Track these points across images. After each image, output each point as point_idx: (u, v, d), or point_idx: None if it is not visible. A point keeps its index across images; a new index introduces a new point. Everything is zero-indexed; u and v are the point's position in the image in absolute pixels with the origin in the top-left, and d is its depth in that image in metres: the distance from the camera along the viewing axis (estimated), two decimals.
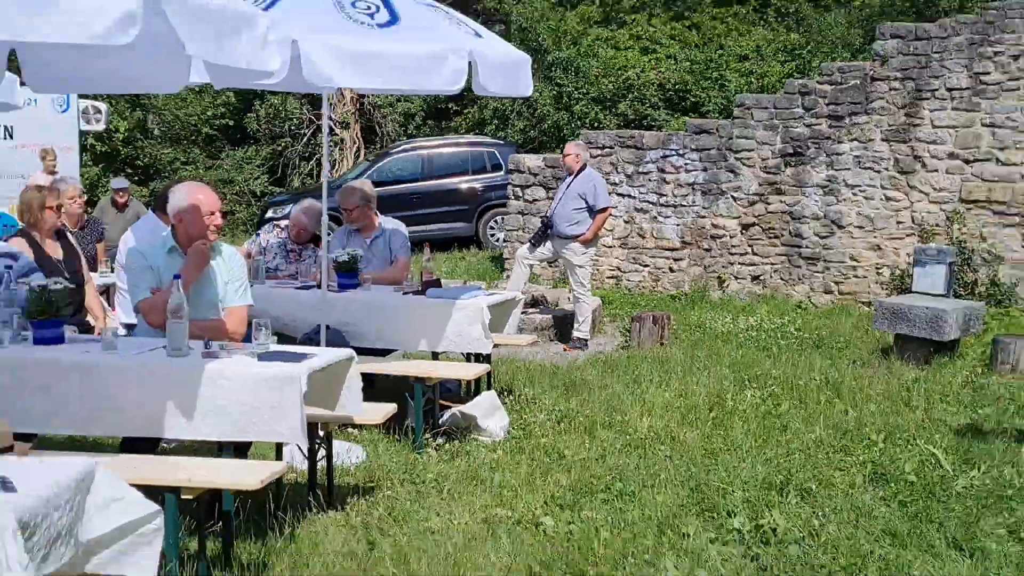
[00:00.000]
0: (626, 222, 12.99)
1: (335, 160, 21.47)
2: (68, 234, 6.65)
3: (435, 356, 6.72)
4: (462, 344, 6.37)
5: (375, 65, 4.93)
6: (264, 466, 4.22)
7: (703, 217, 12.55)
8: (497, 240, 15.78)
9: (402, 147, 17.81)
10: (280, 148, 21.36)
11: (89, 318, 6.34)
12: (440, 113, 22.71)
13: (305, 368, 4.25)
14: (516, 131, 19.85)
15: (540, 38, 19.97)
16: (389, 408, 5.28)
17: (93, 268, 7.50)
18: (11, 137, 15.06)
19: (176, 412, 4.19)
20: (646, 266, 12.94)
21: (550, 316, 10.40)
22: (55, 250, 6.21)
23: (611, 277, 13.13)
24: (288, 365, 4.27)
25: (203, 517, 4.20)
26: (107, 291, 7.29)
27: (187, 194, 4.84)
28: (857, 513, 4.87)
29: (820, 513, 4.88)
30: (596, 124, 17.78)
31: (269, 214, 15.76)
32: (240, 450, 4.66)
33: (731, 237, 12.44)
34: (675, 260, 12.79)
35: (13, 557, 2.24)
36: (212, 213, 4.81)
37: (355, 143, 21.93)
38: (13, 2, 2.95)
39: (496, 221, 15.95)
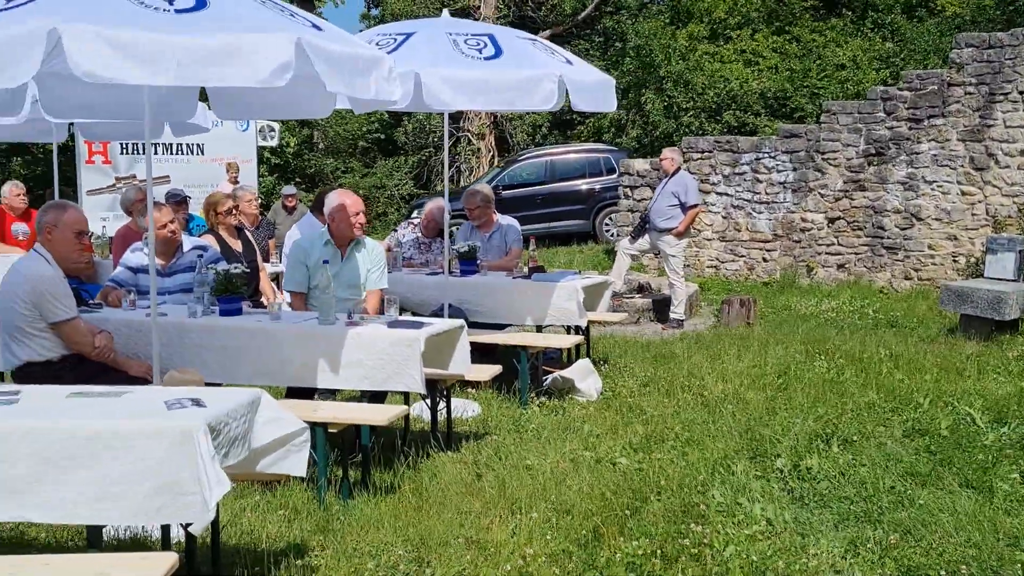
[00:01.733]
0: (723, 217, 13.28)
1: (472, 167, 22.30)
2: (246, 231, 7.50)
3: (539, 329, 7.28)
4: (561, 319, 6.93)
5: (481, 89, 5.54)
6: (390, 408, 4.88)
7: (793, 212, 12.73)
8: (611, 235, 16.22)
9: (528, 154, 18.44)
10: (424, 157, 22.31)
11: (263, 299, 7.16)
12: (564, 123, 23.24)
13: (423, 333, 4.89)
14: (631, 139, 20.21)
15: (653, 54, 20.26)
16: (494, 369, 5.89)
17: (266, 259, 8.35)
18: (203, 153, 16.36)
19: (325, 367, 4.89)
20: (741, 256, 13.20)
21: (650, 300, 10.82)
22: (236, 244, 7.06)
23: (710, 267, 13.44)
24: (410, 330, 4.92)
25: (346, 450, 4.88)
26: (277, 277, 8.12)
27: (337, 199, 5.58)
28: (887, 459, 5.19)
29: (855, 459, 5.22)
30: (702, 131, 18.00)
31: (414, 215, 16.63)
32: (376, 402, 5.35)
33: (818, 229, 12.58)
34: (768, 251, 13.00)
35: (205, 449, 2.94)
36: (357, 214, 5.53)
37: (489, 151, 22.71)
38: (200, 56, 3.65)
39: (610, 218, 16.38)
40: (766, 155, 12.89)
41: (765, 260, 13.02)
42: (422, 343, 4.81)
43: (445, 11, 6.53)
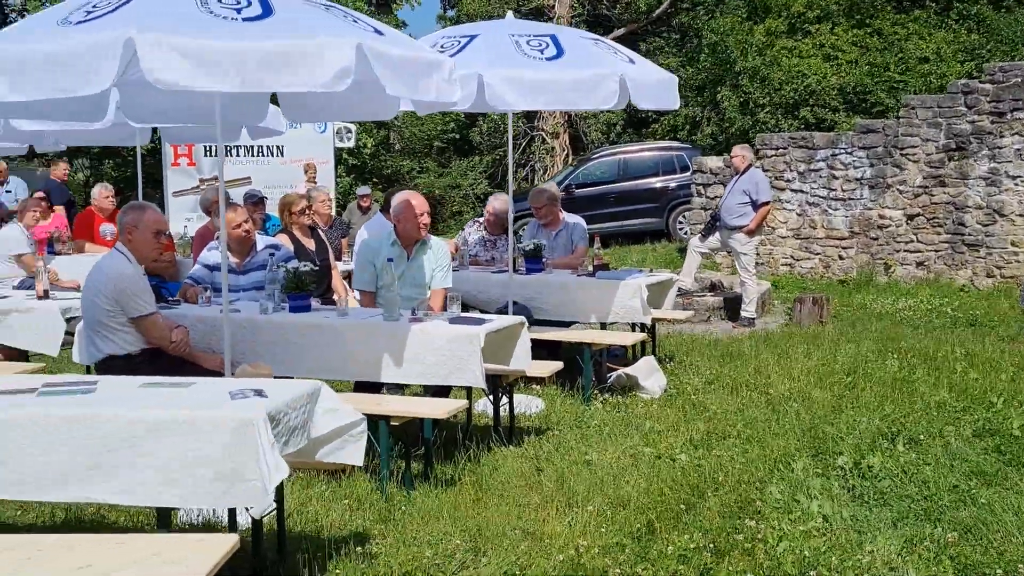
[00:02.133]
0: (798, 215, 13.10)
1: (545, 165, 22.38)
2: (319, 231, 7.73)
3: (604, 326, 7.32)
4: (624, 316, 6.97)
5: (543, 89, 5.63)
6: (450, 402, 5.01)
7: (870, 209, 12.50)
8: (684, 233, 16.13)
9: (600, 153, 18.45)
10: (499, 157, 22.47)
11: (334, 296, 7.37)
12: (638, 121, 23.15)
13: (484, 329, 4.99)
14: (705, 136, 20.04)
15: (728, 50, 20.05)
16: (555, 365, 5.97)
17: (338, 258, 8.57)
18: (282, 154, 16.83)
19: (388, 362, 5.03)
20: (817, 254, 13.00)
21: (721, 298, 10.76)
22: (309, 243, 7.28)
23: (785, 264, 13.27)
24: (471, 327, 5.03)
25: (409, 442, 5.01)
26: (349, 275, 8.33)
27: (403, 199, 5.74)
28: (952, 458, 5.11)
29: (920, 458, 5.15)
30: (778, 128, 17.76)
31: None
32: (440, 397, 5.48)
33: (896, 226, 12.32)
34: (844, 248, 12.78)
35: (265, 437, 3.09)
36: (421, 214, 5.68)
37: (563, 150, 22.77)
38: (265, 63, 3.81)
39: (683, 216, 16.29)
40: (842, 151, 12.68)
41: (841, 258, 12.80)
42: (482, 339, 4.92)
43: (509, 13, 6.64)
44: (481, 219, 8.28)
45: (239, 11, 3.99)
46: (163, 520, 3.31)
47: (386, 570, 3.83)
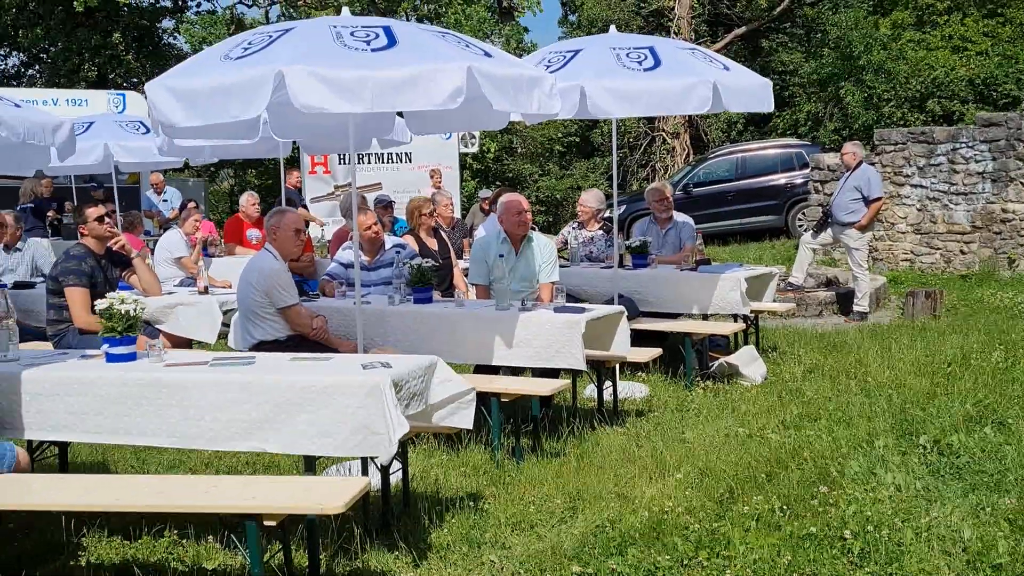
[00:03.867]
0: (918, 210, 13.12)
1: (666, 165, 22.73)
2: (442, 232, 8.46)
3: (705, 317, 7.78)
4: (725, 308, 7.42)
5: (640, 97, 6.18)
6: (553, 382, 5.60)
7: (992, 203, 12.43)
8: (803, 230, 16.25)
9: (719, 152, 18.70)
10: (620, 158, 22.95)
11: (455, 291, 8.08)
12: (760, 119, 23.22)
13: (585, 316, 5.58)
14: (828, 132, 20.01)
15: (853, 45, 19.96)
16: (654, 351, 6.50)
17: (459, 256, 9.29)
18: (410, 161, 17.80)
19: (500, 345, 5.67)
20: (937, 249, 13.00)
21: (833, 293, 10.98)
22: (432, 243, 8.01)
23: (904, 260, 13.31)
24: (573, 315, 5.62)
25: (519, 419, 5.64)
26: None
27: (504, 200, 6.39)
28: None
29: (1005, 440, 5.42)
30: (904, 122, 17.63)
31: (607, 214, 17.33)
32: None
33: (1021, 220, 12.23)
34: (965, 243, 12.75)
35: (390, 399, 3.77)
36: (520, 213, 6.31)
37: (684, 150, 23.06)
38: (390, 87, 4.50)
39: (803, 213, 16.40)
40: (963, 145, 12.65)
41: (963, 252, 12.77)
42: (583, 325, 5.50)
43: (612, 27, 7.19)
44: (576, 221, 8.82)
45: (368, 43, 4.71)
46: (309, 467, 4.04)
47: (494, 522, 4.45)
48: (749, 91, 6.58)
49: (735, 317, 7.84)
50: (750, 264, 10.02)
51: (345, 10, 5.46)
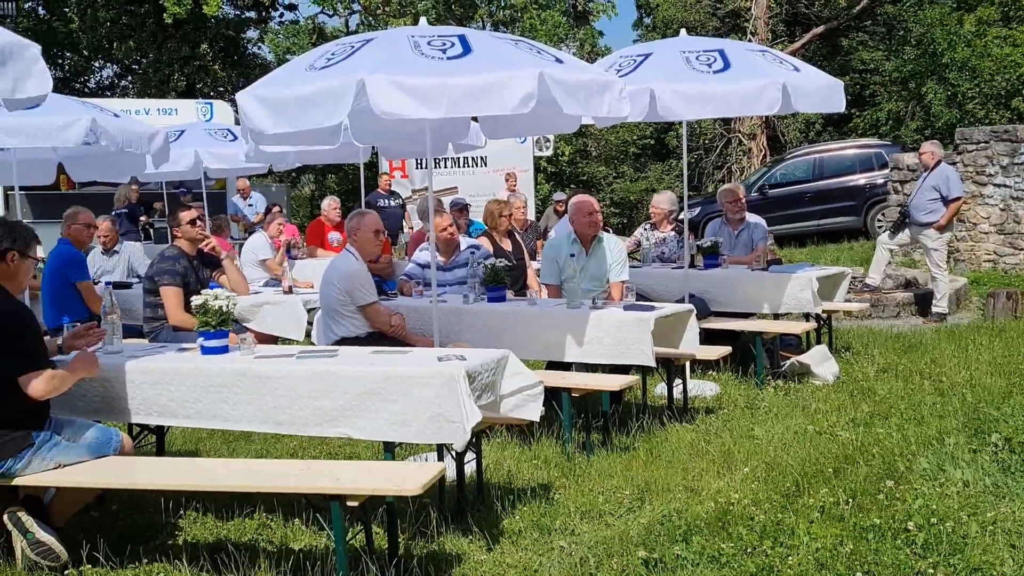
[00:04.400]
0: (1001, 210, 12.86)
1: (743, 167, 22.60)
2: (516, 233, 8.68)
3: (776, 317, 7.83)
4: (795, 307, 7.48)
5: (709, 100, 6.30)
6: (621, 378, 5.76)
7: None
8: (882, 231, 16.05)
9: (796, 152, 18.56)
10: (695, 160, 22.90)
11: (529, 291, 8.27)
12: (839, 119, 22.92)
13: (653, 314, 5.72)
14: (909, 131, 19.68)
15: (936, 42, 19.60)
16: (724, 350, 6.60)
17: (533, 257, 9.50)
18: (486, 164, 18.10)
19: (571, 343, 5.85)
20: (1021, 250, 12.72)
21: (912, 294, 10.88)
22: (506, 244, 8.23)
23: (988, 261, 13.05)
24: (642, 312, 5.77)
25: (589, 414, 5.80)
26: None
27: (575, 202, 6.57)
28: None
29: None
30: (988, 120, 17.26)
31: (681, 216, 17.35)
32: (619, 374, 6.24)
33: None
34: None
35: (464, 389, 3.98)
36: (590, 214, 6.49)
37: (761, 151, 22.90)
38: (465, 93, 4.72)
39: (882, 214, 16.19)
40: None
41: None
42: (652, 323, 5.64)
43: (683, 31, 7.31)
44: (651, 222, 8.93)
45: (444, 51, 4.94)
46: (388, 450, 4.29)
47: (564, 510, 4.63)
48: (819, 92, 6.64)
49: (807, 317, 7.88)
50: (822, 265, 10.01)
51: (422, 20, 5.72)
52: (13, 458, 3.98)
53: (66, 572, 4.00)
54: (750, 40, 22.45)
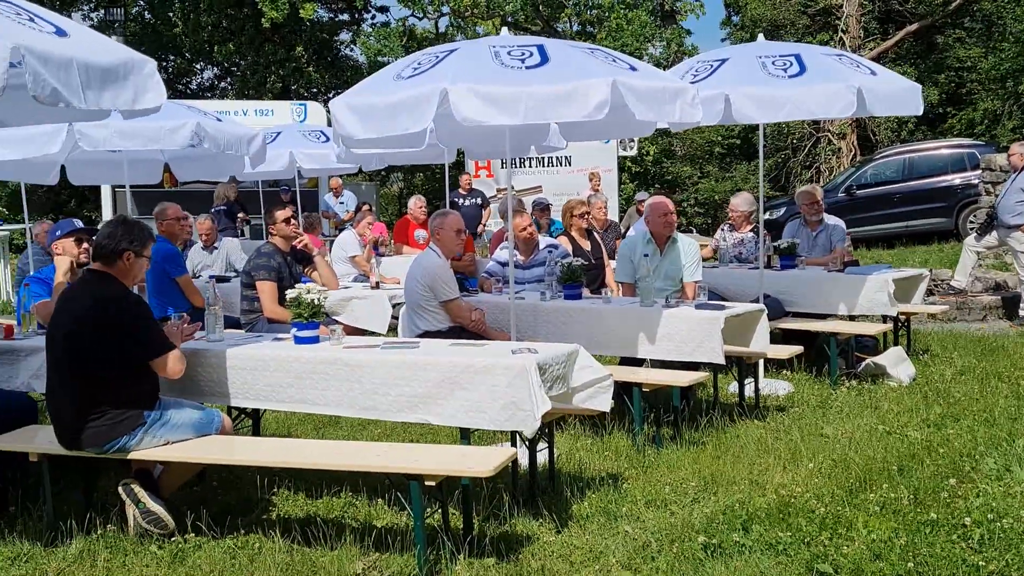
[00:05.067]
0: None
1: (831, 167, 22.33)
2: (595, 233, 8.91)
3: (852, 318, 7.89)
4: (871, 308, 7.53)
5: (783, 104, 6.44)
6: (691, 374, 5.94)
7: None
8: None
9: (885, 153, 18.30)
10: (781, 160, 22.72)
11: (607, 291, 8.50)
12: (934, 118, 22.45)
13: (724, 313, 5.90)
14: (1006, 130, 19.20)
15: None
16: (795, 349, 6.74)
17: (611, 257, 9.70)
18: (570, 164, 18.35)
19: (643, 340, 6.07)
20: None
21: (999, 297, 10.73)
22: (585, 244, 8.47)
23: None
24: (712, 312, 5.95)
25: (660, 409, 6.01)
26: None
27: (651, 202, 6.78)
28: None
29: None
30: None
31: (766, 216, 17.28)
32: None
33: None
34: None
35: (535, 380, 4.26)
36: (665, 214, 6.69)
37: (851, 151, 22.58)
38: (542, 101, 4.99)
39: (973, 216, 15.90)
40: None
41: None
42: (722, 322, 5.83)
43: (760, 35, 7.45)
44: (727, 223, 9.05)
45: (523, 61, 5.22)
46: (465, 439, 4.59)
47: (631, 498, 4.87)
48: (895, 95, 6.71)
49: (884, 318, 7.92)
50: (909, 267, 9.97)
51: (504, 30, 6.01)
52: (128, 435, 4.41)
53: (172, 539, 4.40)
54: (841, 38, 22.19)
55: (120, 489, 4.50)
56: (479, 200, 14.95)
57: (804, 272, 7.97)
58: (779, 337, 7.88)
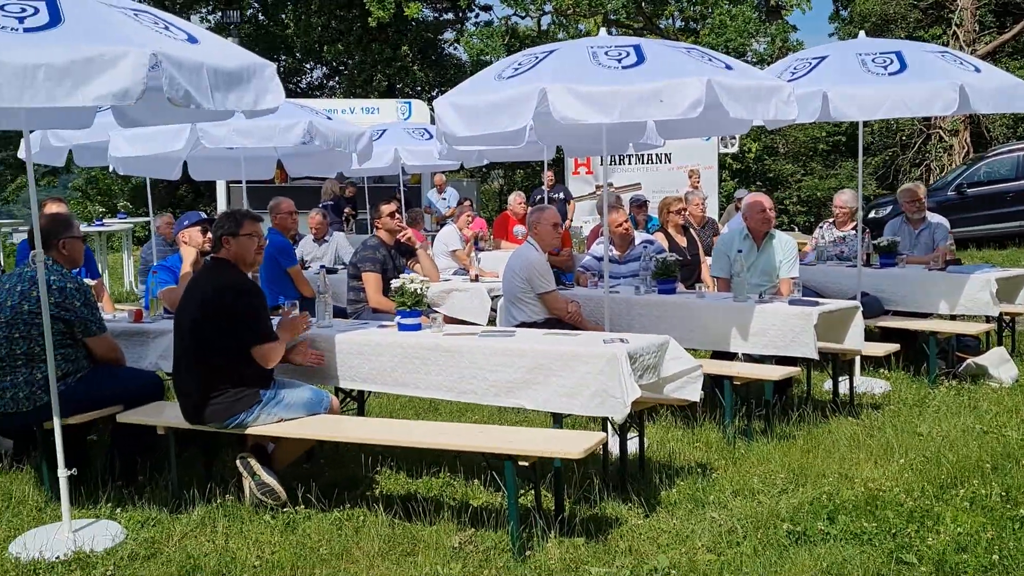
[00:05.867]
0: None
1: (942, 164, 21.71)
2: (691, 230, 9.00)
3: (953, 318, 7.79)
4: (973, 308, 7.43)
5: (881, 101, 6.43)
6: (783, 368, 6.01)
7: None
8: None
9: (998, 150, 17.74)
10: (889, 157, 22.20)
11: (702, 287, 8.58)
12: None
13: (817, 309, 5.95)
14: None
15: None
16: (891, 347, 6.72)
17: (708, 254, 9.76)
18: (670, 161, 18.37)
19: (736, 334, 6.17)
20: None
21: None
22: (681, 240, 8.58)
23: None
24: (805, 307, 6.01)
25: (751, 402, 6.10)
26: None
27: (750, 199, 6.87)
28: None
29: None
30: None
31: (871, 215, 16.96)
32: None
33: None
34: None
35: (625, 368, 4.44)
36: (763, 211, 6.75)
37: (964, 148, 21.92)
38: (637, 99, 5.15)
39: None
40: None
41: None
42: (815, 317, 5.88)
43: (862, 33, 7.43)
44: (830, 220, 9.00)
45: (620, 61, 5.39)
46: (557, 421, 4.81)
47: (719, 487, 5.00)
48: (1000, 92, 6.62)
49: (987, 318, 7.80)
50: (991, 264, 9.74)
51: (603, 31, 6.19)
52: (246, 412, 4.76)
53: (284, 509, 4.74)
54: (954, 32, 21.56)
55: (237, 462, 4.85)
56: (563, 195, 15.12)
57: (904, 270, 7.91)
58: (878, 336, 7.85)
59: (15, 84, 3.61)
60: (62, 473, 4.43)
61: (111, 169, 8.44)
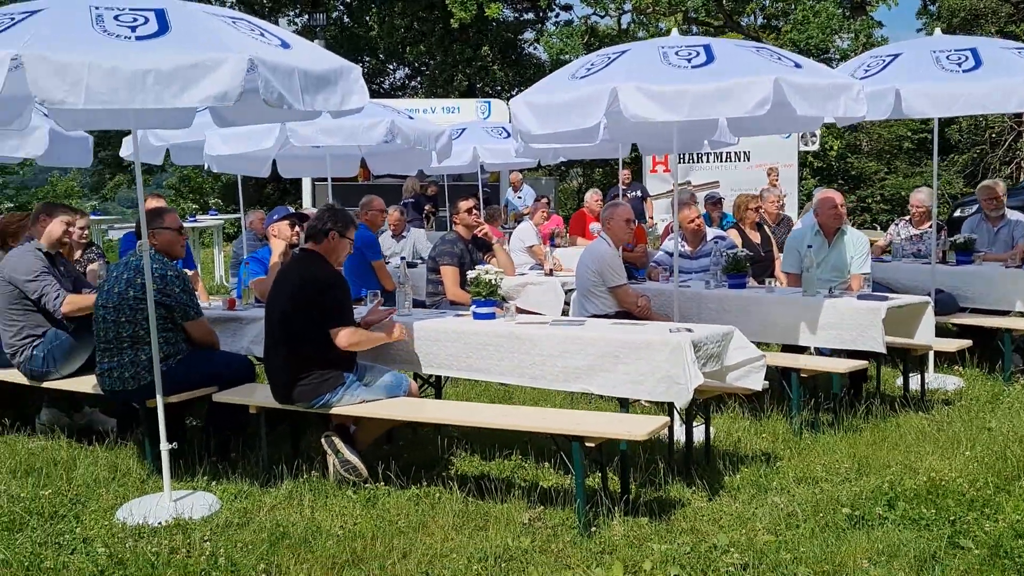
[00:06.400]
0: None
1: None
2: (765, 227, 9.09)
3: None
4: None
5: (954, 99, 6.48)
6: (847, 362, 6.10)
7: None
8: None
9: None
10: (977, 155, 21.72)
11: (775, 283, 8.67)
12: None
13: (885, 304, 6.03)
14: None
15: None
16: (963, 342, 6.77)
17: (781, 250, 9.81)
18: (748, 159, 18.32)
19: (804, 328, 6.28)
20: None
21: None
22: (754, 236, 8.68)
23: None
24: (874, 302, 6.10)
25: (818, 394, 6.20)
26: None
27: (822, 195, 6.99)
28: None
29: None
30: None
31: (956, 214, 16.66)
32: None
33: None
34: None
35: (689, 356, 4.63)
36: (834, 207, 6.84)
37: None
38: (706, 97, 5.32)
39: None
40: None
41: None
42: (884, 311, 5.97)
43: (937, 30, 7.45)
44: (906, 218, 8.98)
45: (689, 60, 5.58)
46: (624, 407, 5.02)
47: (783, 474, 5.14)
48: None
49: None
50: None
51: (674, 31, 6.37)
52: (331, 392, 5.08)
53: (365, 485, 5.05)
54: None
55: (322, 441, 5.18)
56: (639, 193, 15.22)
57: (979, 267, 7.89)
58: (953, 333, 7.84)
59: (127, 88, 3.98)
60: (164, 447, 4.81)
61: (205, 167, 8.90)
